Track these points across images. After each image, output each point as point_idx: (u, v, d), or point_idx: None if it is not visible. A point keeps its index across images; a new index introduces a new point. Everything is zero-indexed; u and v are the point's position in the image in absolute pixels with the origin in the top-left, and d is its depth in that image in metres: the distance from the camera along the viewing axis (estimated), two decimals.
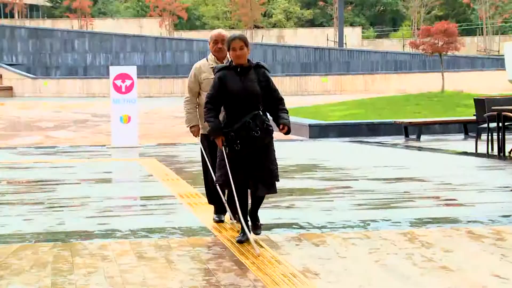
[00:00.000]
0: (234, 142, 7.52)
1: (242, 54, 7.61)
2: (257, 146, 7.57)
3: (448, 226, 8.75)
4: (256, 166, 7.64)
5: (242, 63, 7.65)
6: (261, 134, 7.52)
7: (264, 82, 7.69)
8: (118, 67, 21.57)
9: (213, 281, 6.55)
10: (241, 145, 7.52)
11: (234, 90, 7.58)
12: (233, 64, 7.69)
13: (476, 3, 65.93)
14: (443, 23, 37.77)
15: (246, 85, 7.60)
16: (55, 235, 8.73)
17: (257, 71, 7.72)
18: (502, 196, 11.21)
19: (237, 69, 7.67)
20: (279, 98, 7.82)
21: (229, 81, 7.62)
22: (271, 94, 7.75)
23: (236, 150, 7.54)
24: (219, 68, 7.78)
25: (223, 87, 7.62)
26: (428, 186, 12.04)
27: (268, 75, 7.76)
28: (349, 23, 70.44)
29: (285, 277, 6.48)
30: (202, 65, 8.76)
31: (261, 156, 7.65)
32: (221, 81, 7.65)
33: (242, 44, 7.61)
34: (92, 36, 57.43)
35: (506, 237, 8.14)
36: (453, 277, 6.56)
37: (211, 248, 7.80)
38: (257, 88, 7.62)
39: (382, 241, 7.92)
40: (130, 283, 6.52)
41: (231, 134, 7.53)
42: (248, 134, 7.49)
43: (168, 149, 19.63)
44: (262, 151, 7.65)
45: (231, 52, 7.63)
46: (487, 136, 17.11)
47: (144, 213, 10.50)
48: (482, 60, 53.71)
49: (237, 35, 7.72)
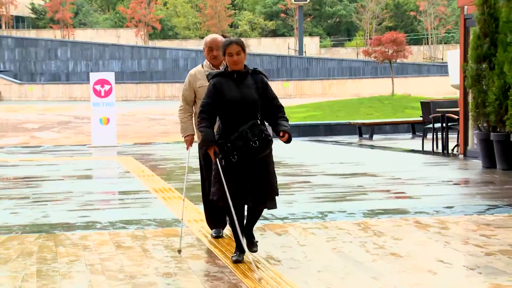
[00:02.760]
0: (230, 153, 6.40)
1: (239, 60, 6.53)
2: (255, 158, 6.45)
3: (398, 217, 8.80)
4: (255, 179, 6.50)
5: (239, 69, 6.56)
6: (260, 144, 6.39)
7: (262, 89, 6.59)
8: (98, 73, 21.47)
9: (185, 268, 6.54)
10: (238, 157, 6.39)
11: (230, 98, 6.47)
12: (229, 70, 6.58)
13: (422, 16, 66.35)
14: (392, 33, 37.99)
15: (244, 92, 6.50)
16: (40, 227, 8.68)
17: (254, 77, 6.62)
18: (446, 189, 11.30)
19: (233, 76, 6.55)
20: (278, 105, 6.66)
21: (225, 88, 6.51)
22: (269, 102, 6.62)
23: (233, 163, 6.42)
24: (213, 74, 6.63)
25: (219, 94, 6.49)
26: (380, 181, 12.10)
27: (266, 81, 6.66)
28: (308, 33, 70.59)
29: (251, 264, 6.48)
30: (197, 72, 7.56)
31: (259, 169, 6.51)
32: (216, 89, 6.52)
33: (239, 49, 6.53)
34: (73, 45, 57.09)
35: (449, 226, 8.20)
36: (402, 263, 6.60)
37: (183, 238, 7.78)
38: (254, 95, 6.53)
39: (338, 231, 7.94)
40: (109, 270, 6.49)
41: (227, 145, 6.40)
42: (246, 145, 6.37)
43: (144, 148, 19.56)
44: (260, 163, 6.50)
45: (227, 57, 6.54)
46: (432, 135, 17.24)
47: (122, 206, 10.46)
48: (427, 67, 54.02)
49: (234, 40, 6.60)
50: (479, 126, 13.48)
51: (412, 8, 70.26)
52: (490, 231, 7.80)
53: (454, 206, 9.54)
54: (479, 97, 13.33)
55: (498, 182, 11.80)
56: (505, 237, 7.50)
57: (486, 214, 8.88)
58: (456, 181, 12.29)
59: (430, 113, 17.63)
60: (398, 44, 36.23)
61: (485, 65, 13.25)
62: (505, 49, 12.53)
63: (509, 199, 10.02)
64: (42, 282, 6.18)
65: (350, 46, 69.74)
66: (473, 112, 13.54)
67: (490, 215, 8.80)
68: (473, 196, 10.65)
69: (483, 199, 10.23)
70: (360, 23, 69.41)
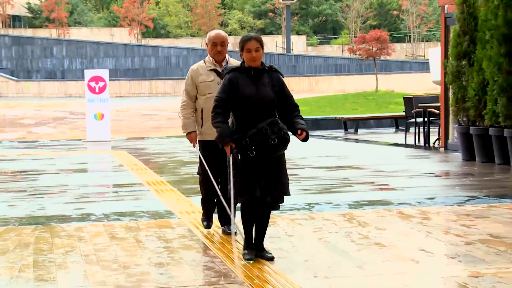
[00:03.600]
0: (248, 148, 6.03)
1: (258, 56, 6.19)
2: (272, 156, 6.11)
3: (382, 208, 8.82)
4: (268, 178, 6.15)
5: (256, 65, 6.22)
6: (278, 142, 6.05)
7: (278, 87, 6.24)
8: (92, 71, 21.39)
9: (177, 258, 6.53)
10: (256, 153, 6.03)
11: (246, 95, 6.13)
12: (245, 66, 6.26)
13: (405, 15, 66.40)
14: (376, 31, 38.00)
15: (260, 89, 6.17)
16: (37, 219, 8.66)
17: (271, 75, 6.27)
18: (428, 181, 11.33)
19: (250, 72, 6.22)
20: (294, 104, 6.33)
21: (241, 84, 6.17)
22: (285, 101, 6.28)
23: (250, 158, 6.05)
24: (229, 69, 6.31)
25: (234, 90, 6.16)
26: (364, 173, 12.12)
27: (282, 80, 6.32)
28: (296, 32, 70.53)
29: (240, 254, 6.48)
30: (199, 67, 7.23)
31: (273, 167, 6.17)
32: (232, 84, 6.19)
33: (258, 45, 6.20)
34: (69, 43, 56.85)
35: (431, 216, 8.23)
36: (386, 252, 6.62)
37: (175, 229, 7.78)
38: (271, 93, 6.18)
39: (324, 221, 7.95)
40: (104, 261, 6.48)
41: (245, 139, 6.03)
42: (265, 142, 6.01)
43: (137, 142, 19.53)
44: (275, 162, 6.18)
45: (245, 53, 6.20)
46: (414, 129, 17.28)
47: (116, 199, 10.45)
48: (410, 64, 54.08)
49: (253, 36, 6.28)
50: (459, 121, 13.52)
51: (395, 8, 70.33)
52: (469, 221, 7.83)
53: (436, 197, 9.57)
54: (459, 92, 13.36)
55: (477, 174, 11.84)
56: (484, 226, 7.53)
57: (466, 205, 8.91)
58: (437, 173, 12.32)
59: (412, 108, 17.66)
60: (382, 42, 36.27)
61: (464, 62, 13.28)
62: (484, 46, 12.56)
63: (488, 190, 10.06)
64: (39, 272, 6.17)
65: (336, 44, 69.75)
66: (454, 107, 13.58)
67: (469, 205, 8.83)
68: (453, 187, 10.69)
69: (463, 190, 10.27)
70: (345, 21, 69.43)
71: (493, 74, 12.23)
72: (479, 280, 5.61)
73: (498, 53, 12.08)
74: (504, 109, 12.09)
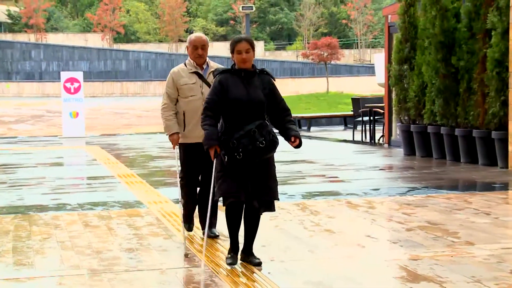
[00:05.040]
0: (235, 150, 5.41)
1: (248, 58, 5.55)
2: (259, 159, 5.48)
3: (332, 198, 8.86)
4: (255, 181, 5.52)
5: (247, 67, 5.58)
6: (266, 145, 5.43)
7: (269, 90, 5.61)
8: (68, 73, 21.17)
9: (145, 244, 6.50)
10: (243, 155, 5.40)
11: (236, 96, 5.49)
12: (236, 68, 5.63)
13: (353, 23, 66.78)
14: (327, 38, 38.19)
15: (250, 91, 5.53)
16: (16, 208, 8.55)
17: (262, 78, 5.64)
18: (373, 174, 11.41)
19: (241, 74, 5.58)
20: (285, 108, 5.71)
21: (231, 86, 5.53)
22: (277, 104, 5.65)
23: (237, 160, 5.42)
24: (220, 71, 5.66)
25: (224, 92, 5.52)
26: (316, 167, 12.17)
27: (273, 83, 5.69)
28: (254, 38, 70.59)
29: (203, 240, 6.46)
30: (180, 70, 6.56)
31: (261, 171, 5.53)
32: (222, 85, 5.54)
33: (248, 47, 5.55)
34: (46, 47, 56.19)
35: (375, 206, 8.29)
36: (335, 238, 6.65)
37: (144, 218, 7.74)
38: (261, 95, 5.55)
39: (280, 210, 7.96)
40: (78, 246, 6.42)
41: (232, 141, 5.42)
42: (253, 144, 5.39)
43: (109, 138, 19.37)
44: (263, 165, 5.54)
45: (236, 55, 5.55)
46: (361, 127, 17.39)
47: (90, 190, 10.36)
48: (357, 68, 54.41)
49: (244, 37, 5.61)
50: (401, 119, 13.63)
51: (344, 17, 70.68)
52: (410, 210, 7.90)
53: (380, 188, 9.64)
54: (401, 94, 13.48)
55: (417, 167, 11.96)
56: (423, 214, 7.61)
57: (407, 195, 8.99)
58: (382, 167, 12.41)
59: (360, 108, 17.78)
60: (332, 48, 36.47)
61: (406, 66, 13.39)
62: (423, 52, 12.68)
63: (426, 182, 10.16)
64: (18, 257, 6.09)
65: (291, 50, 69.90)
66: (396, 107, 13.69)
67: (410, 196, 8.91)
68: (395, 179, 10.78)
69: (404, 182, 10.36)
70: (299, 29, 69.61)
71: (431, 77, 12.36)
72: (418, 263, 5.66)
73: (436, 58, 12.21)
74: (441, 109, 12.23)
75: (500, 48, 10.92)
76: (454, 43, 11.99)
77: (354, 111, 19.10)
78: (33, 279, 5.46)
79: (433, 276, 5.26)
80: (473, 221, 7.19)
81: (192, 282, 5.32)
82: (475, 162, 11.60)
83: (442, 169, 11.48)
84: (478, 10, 11.47)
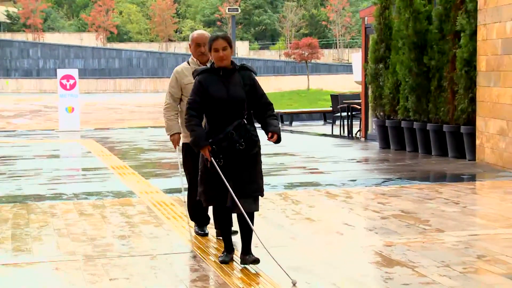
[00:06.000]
0: (216, 156, 5.06)
1: (226, 55, 5.12)
2: (241, 159, 5.10)
3: (312, 188, 8.88)
4: (239, 179, 5.10)
5: (225, 65, 5.15)
6: (246, 146, 5.05)
7: (249, 86, 5.17)
8: (64, 70, 21.03)
9: (137, 231, 6.49)
10: (223, 159, 5.06)
11: (216, 96, 5.08)
12: (214, 67, 5.20)
13: (332, 25, 66.81)
14: (308, 38, 38.19)
15: (230, 90, 5.11)
16: (15, 197, 8.50)
17: (242, 74, 5.19)
18: (351, 165, 11.44)
19: (219, 72, 5.16)
20: (267, 103, 5.28)
21: (210, 85, 5.12)
22: (258, 99, 5.22)
23: (219, 165, 5.07)
24: (199, 71, 5.23)
25: (204, 92, 5.12)
26: (298, 159, 12.18)
27: (254, 78, 5.24)
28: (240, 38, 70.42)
29: (191, 228, 6.46)
30: (184, 69, 6.07)
31: (245, 169, 5.12)
32: (202, 85, 5.14)
33: (225, 44, 5.12)
34: (43, 46, 55.83)
35: (353, 195, 8.31)
36: (315, 225, 6.67)
37: (136, 207, 7.72)
38: (241, 93, 5.12)
39: (263, 200, 7.94)
40: (73, 234, 6.40)
41: (213, 146, 5.05)
42: (232, 147, 5.03)
43: (103, 132, 19.29)
44: (247, 162, 5.12)
45: (213, 53, 5.14)
46: (340, 122, 17.43)
47: (84, 180, 10.32)
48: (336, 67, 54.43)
49: (220, 35, 5.16)
50: (377, 115, 13.67)
51: (323, 19, 70.68)
52: (385, 199, 7.93)
53: (357, 179, 9.67)
54: (377, 91, 13.51)
55: (391, 160, 12.00)
56: (397, 204, 7.64)
57: (382, 185, 9.02)
58: (359, 159, 12.45)
59: (338, 104, 17.81)
60: (313, 47, 36.47)
61: (381, 65, 13.43)
62: (397, 52, 12.72)
63: (400, 173, 10.20)
64: (16, 243, 6.06)
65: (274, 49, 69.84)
66: (372, 103, 13.72)
67: (385, 186, 8.94)
68: (371, 171, 10.81)
69: (379, 173, 10.39)
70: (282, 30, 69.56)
71: (405, 76, 12.39)
72: (392, 249, 5.69)
73: (409, 58, 12.25)
74: (414, 106, 12.27)
75: (469, 49, 10.97)
76: (426, 43, 12.02)
77: (333, 107, 19.13)
78: (31, 264, 5.43)
79: (405, 261, 5.29)
80: (443, 210, 7.23)
81: (180, 267, 5.32)
82: (445, 155, 11.65)
83: (414, 162, 11.53)
84: (448, 13, 11.51)
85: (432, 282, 4.76)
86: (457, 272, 4.99)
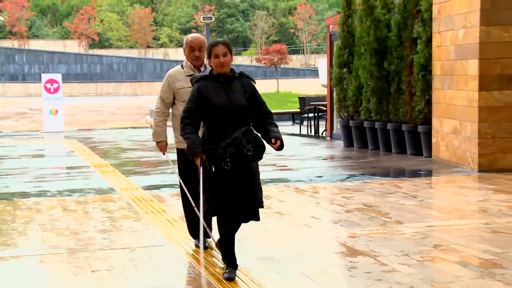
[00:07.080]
0: (223, 160, 4.54)
1: (226, 62, 4.66)
2: (247, 166, 4.68)
3: (281, 184, 8.88)
4: (242, 190, 4.68)
5: (225, 72, 4.68)
6: (254, 152, 4.64)
7: (250, 93, 4.76)
8: (48, 75, 20.79)
9: (118, 226, 6.44)
10: (231, 164, 4.55)
11: (217, 103, 4.61)
12: (214, 73, 4.72)
13: (299, 32, 67.01)
14: (277, 45, 38.25)
15: (231, 97, 4.65)
16: (1, 195, 8.38)
17: (242, 81, 4.76)
18: (317, 163, 11.47)
19: (219, 79, 4.68)
20: (267, 111, 4.89)
21: (210, 93, 4.64)
22: (258, 107, 4.81)
23: (225, 170, 4.57)
24: (197, 78, 4.74)
25: (204, 99, 4.63)
26: (268, 157, 12.15)
27: (253, 86, 4.84)
28: None
29: (169, 222, 6.44)
30: (177, 73, 5.47)
31: (246, 179, 4.71)
32: (200, 93, 4.65)
33: (225, 50, 4.67)
34: (28, 52, 55.21)
35: (319, 191, 8.33)
36: (285, 219, 6.67)
37: (116, 203, 7.66)
38: (243, 100, 4.69)
39: None
40: (57, 228, 6.33)
41: (219, 151, 4.54)
42: (240, 153, 4.56)
43: (85, 133, 19.10)
44: (248, 173, 4.72)
45: (213, 59, 4.66)
46: (307, 122, 17.46)
47: (68, 178, 10.21)
48: (303, 71, 54.60)
49: (220, 40, 4.71)
50: (341, 116, 13.72)
51: (292, 27, 70.82)
52: (349, 194, 7.96)
53: (323, 175, 9.70)
54: (341, 93, 13.56)
55: (355, 157, 12.06)
56: (360, 198, 7.68)
57: (346, 181, 9.06)
58: (325, 157, 12.49)
59: (305, 106, 17.84)
60: (282, 53, 36.53)
61: (345, 69, 13.48)
62: (360, 58, 12.78)
63: (363, 169, 10.26)
64: (3, 238, 5.97)
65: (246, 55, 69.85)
66: (337, 105, 13.77)
67: (349, 182, 8.98)
68: (336, 168, 10.86)
69: (344, 170, 10.44)
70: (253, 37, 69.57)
71: (367, 79, 12.46)
72: (355, 240, 5.71)
73: (370, 63, 12.31)
74: (375, 107, 12.34)
75: (425, 54, 11.06)
76: (386, 50, 12.10)
77: (300, 109, 19.16)
78: (17, 257, 5.36)
79: (368, 251, 5.32)
80: (402, 203, 7.28)
81: (159, 259, 5.28)
82: (404, 152, 11.74)
83: (376, 159, 11.60)
84: (406, 22, 11.60)
85: (392, 270, 4.79)
86: (415, 260, 5.03)
